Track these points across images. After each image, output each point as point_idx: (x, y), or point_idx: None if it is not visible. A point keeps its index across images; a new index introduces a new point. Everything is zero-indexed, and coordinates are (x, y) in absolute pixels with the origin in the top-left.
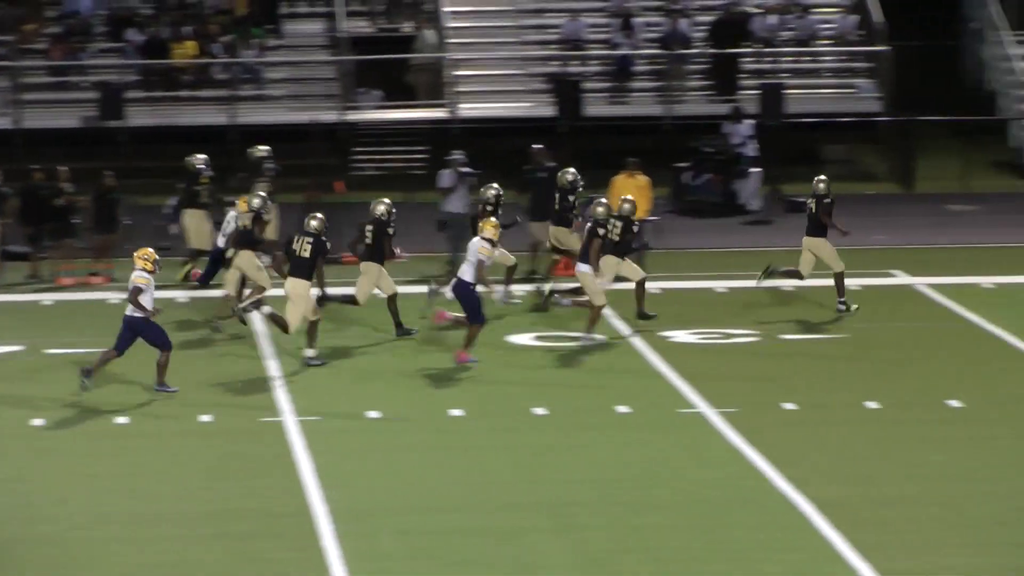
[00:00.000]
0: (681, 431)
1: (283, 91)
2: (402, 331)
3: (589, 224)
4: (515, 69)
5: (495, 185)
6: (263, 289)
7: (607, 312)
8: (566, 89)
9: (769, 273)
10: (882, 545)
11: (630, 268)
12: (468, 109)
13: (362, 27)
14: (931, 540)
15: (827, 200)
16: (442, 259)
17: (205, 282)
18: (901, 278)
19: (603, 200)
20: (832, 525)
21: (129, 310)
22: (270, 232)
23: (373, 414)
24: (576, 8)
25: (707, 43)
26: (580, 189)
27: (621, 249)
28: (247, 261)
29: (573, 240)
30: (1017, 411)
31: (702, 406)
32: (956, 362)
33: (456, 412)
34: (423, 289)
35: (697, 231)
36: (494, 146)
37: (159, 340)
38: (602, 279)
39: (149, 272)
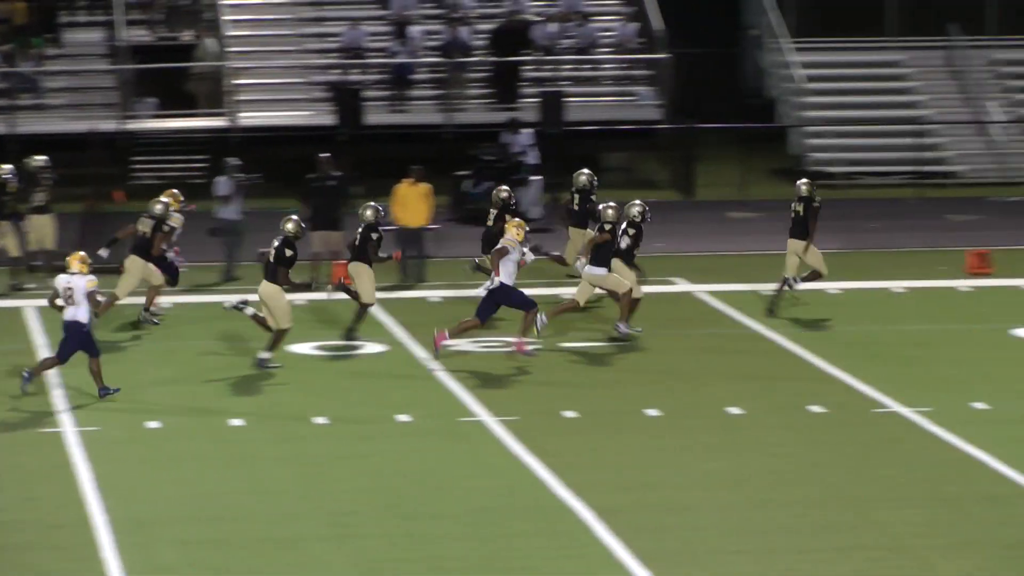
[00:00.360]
0: (461, 440)
1: (62, 100)
2: (351, 335)
3: (599, 226)
4: (295, 77)
5: (505, 188)
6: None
7: (386, 320)
8: (346, 98)
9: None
10: (662, 552)
11: (624, 276)
12: (248, 117)
13: (142, 36)
14: (710, 547)
15: (816, 203)
16: (218, 267)
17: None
18: (681, 285)
19: (612, 204)
20: (612, 532)
21: (68, 315)
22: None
23: (153, 424)
24: (356, 16)
25: (488, 51)
26: (596, 189)
27: (631, 253)
28: (136, 266)
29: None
30: (796, 418)
31: (483, 415)
32: (736, 369)
33: (236, 422)
34: (202, 299)
35: (478, 239)
36: (276, 154)
37: (67, 352)
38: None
39: (87, 274)
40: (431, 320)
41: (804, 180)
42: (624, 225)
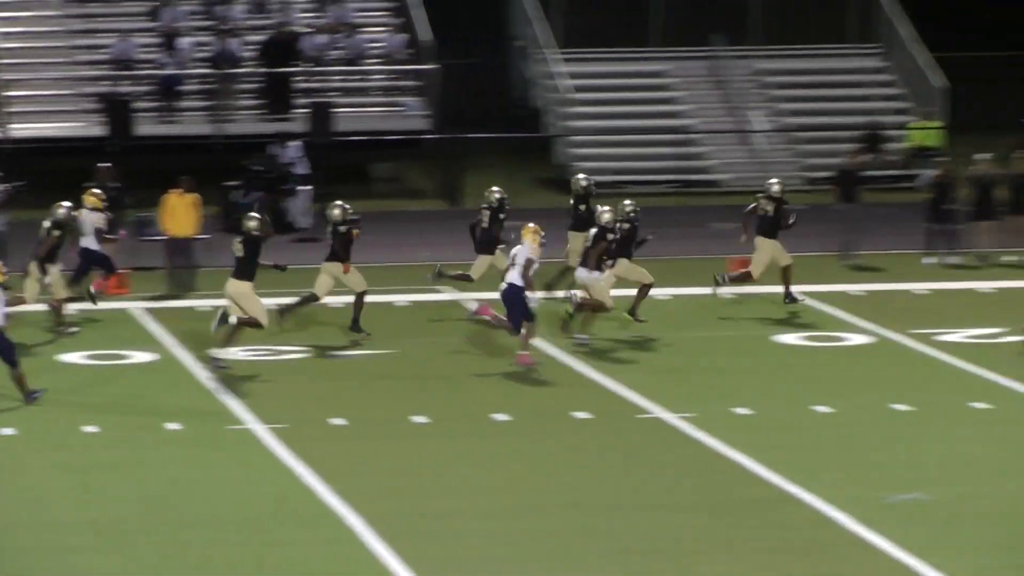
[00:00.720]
0: (231, 447)
1: None
2: (356, 328)
3: (595, 230)
4: (66, 89)
5: (497, 189)
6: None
7: (155, 328)
8: (116, 109)
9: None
10: (429, 558)
11: (639, 272)
12: (19, 129)
13: None
14: (476, 553)
15: (786, 204)
16: None
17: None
18: (448, 294)
19: (607, 207)
20: (380, 538)
21: None
22: None
23: None
24: (126, 28)
25: (257, 62)
26: (594, 194)
27: (629, 251)
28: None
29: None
30: (561, 424)
31: (251, 422)
32: (501, 376)
33: (7, 431)
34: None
35: None
36: (48, 165)
37: (9, 356)
38: (600, 276)
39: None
40: (201, 329)
41: (775, 180)
42: (619, 225)
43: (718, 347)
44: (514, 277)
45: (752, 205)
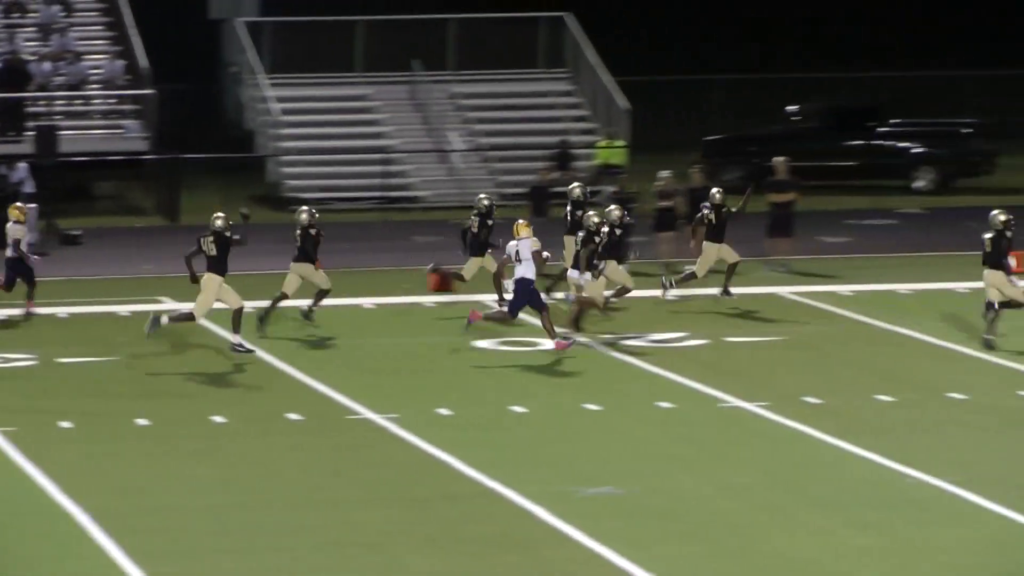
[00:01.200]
0: None
1: None
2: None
3: (583, 232)
4: None
5: (485, 195)
6: None
7: None
8: None
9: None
10: (153, 552)
11: (623, 275)
12: None
13: None
14: (197, 545)
15: (724, 210)
16: None
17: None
18: (168, 303)
19: (593, 212)
20: (107, 533)
21: None
22: None
23: None
24: None
25: None
26: (589, 201)
27: (615, 254)
28: None
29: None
30: (275, 425)
31: None
32: (218, 381)
33: None
34: None
35: None
36: None
37: None
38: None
39: None
40: None
41: (717, 189)
42: (607, 229)
43: (420, 352)
44: (524, 271)
45: (699, 215)
